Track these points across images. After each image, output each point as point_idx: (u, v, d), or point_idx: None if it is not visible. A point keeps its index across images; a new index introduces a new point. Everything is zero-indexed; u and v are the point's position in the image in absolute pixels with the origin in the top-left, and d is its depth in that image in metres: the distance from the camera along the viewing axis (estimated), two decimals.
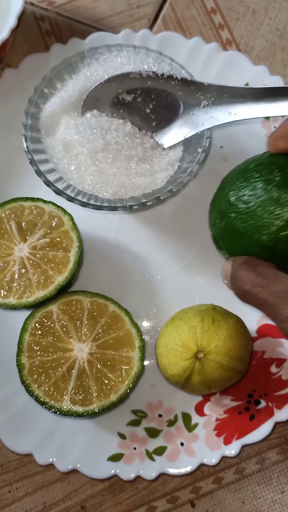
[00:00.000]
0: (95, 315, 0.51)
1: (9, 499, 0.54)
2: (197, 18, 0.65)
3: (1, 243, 0.53)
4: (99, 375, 0.50)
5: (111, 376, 0.50)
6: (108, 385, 0.50)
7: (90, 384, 0.50)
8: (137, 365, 0.50)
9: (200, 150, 0.52)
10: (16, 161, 0.59)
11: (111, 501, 0.53)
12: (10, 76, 0.60)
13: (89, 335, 0.51)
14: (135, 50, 0.55)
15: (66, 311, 0.51)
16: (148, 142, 0.54)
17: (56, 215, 0.53)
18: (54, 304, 0.51)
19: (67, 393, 0.49)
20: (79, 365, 0.50)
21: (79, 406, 0.49)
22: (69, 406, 0.49)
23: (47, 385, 0.49)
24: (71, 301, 0.52)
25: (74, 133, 0.52)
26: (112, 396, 0.49)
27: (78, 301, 0.52)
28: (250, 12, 0.65)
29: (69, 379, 0.50)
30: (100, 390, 0.50)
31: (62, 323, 0.51)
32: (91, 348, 0.51)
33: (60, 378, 0.50)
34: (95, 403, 0.49)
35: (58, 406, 0.49)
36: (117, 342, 0.51)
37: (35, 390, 0.49)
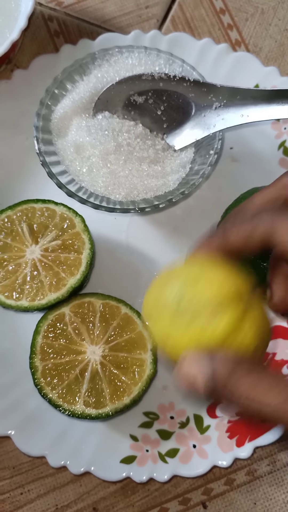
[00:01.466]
0: (107, 317, 0.51)
1: (21, 501, 0.54)
2: (205, 18, 0.65)
3: (13, 245, 0.53)
4: (112, 378, 0.50)
5: (124, 378, 0.50)
6: (121, 388, 0.50)
7: (103, 387, 0.50)
8: (150, 368, 0.50)
9: (212, 152, 0.52)
10: (26, 162, 0.58)
11: (123, 502, 0.53)
12: (20, 77, 0.59)
13: (102, 337, 0.51)
14: (146, 51, 0.55)
15: (79, 313, 0.51)
16: (159, 144, 0.54)
17: (67, 217, 0.53)
18: (67, 307, 0.51)
19: (80, 395, 0.49)
20: (92, 367, 0.50)
21: (93, 408, 0.49)
22: (83, 408, 0.49)
23: (60, 388, 0.49)
24: (83, 303, 0.52)
25: (86, 134, 0.52)
26: (125, 398, 0.49)
27: (90, 303, 0.52)
28: (259, 13, 0.65)
29: (82, 382, 0.50)
30: (113, 393, 0.50)
31: (75, 326, 0.51)
32: (103, 350, 0.51)
33: (73, 380, 0.50)
34: (108, 406, 0.49)
35: (71, 409, 0.49)
36: (129, 344, 0.51)
37: (48, 393, 0.49)
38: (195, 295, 0.35)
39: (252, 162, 0.59)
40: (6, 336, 0.55)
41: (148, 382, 0.50)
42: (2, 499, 0.54)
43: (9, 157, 0.59)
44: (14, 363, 0.54)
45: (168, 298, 0.36)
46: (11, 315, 0.55)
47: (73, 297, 0.52)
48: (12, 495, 0.54)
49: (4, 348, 0.55)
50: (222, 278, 0.36)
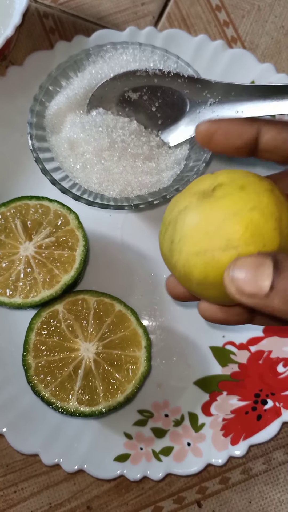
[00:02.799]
0: (101, 315, 0.51)
1: (15, 499, 0.53)
2: (201, 15, 0.65)
3: (6, 242, 0.52)
4: (105, 375, 0.50)
5: (118, 376, 0.50)
6: (115, 385, 0.49)
7: (96, 384, 0.49)
8: (144, 365, 0.50)
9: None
10: (20, 159, 0.58)
11: (117, 501, 0.53)
12: (14, 74, 0.59)
13: (95, 334, 0.51)
14: (140, 47, 0.55)
15: (72, 310, 0.51)
16: (154, 141, 0.53)
17: (61, 214, 0.53)
18: (60, 304, 0.51)
19: (73, 393, 0.49)
20: (85, 365, 0.50)
21: (86, 406, 0.49)
22: (76, 406, 0.49)
23: (54, 385, 0.49)
24: (77, 300, 0.51)
25: (80, 131, 0.52)
26: (118, 396, 0.49)
27: (84, 301, 0.51)
28: (255, 10, 0.65)
29: (76, 379, 0.49)
30: (106, 390, 0.49)
31: (68, 323, 0.51)
32: (97, 348, 0.50)
33: (66, 378, 0.49)
34: (101, 404, 0.49)
35: (64, 407, 0.49)
36: (123, 341, 0.51)
37: (41, 390, 0.49)
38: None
39: (247, 159, 0.58)
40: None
41: (142, 379, 0.50)
42: None
43: (4, 154, 0.58)
44: (7, 361, 0.54)
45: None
46: (4, 313, 0.55)
47: (67, 294, 0.51)
48: (6, 493, 0.53)
49: None
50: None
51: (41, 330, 0.51)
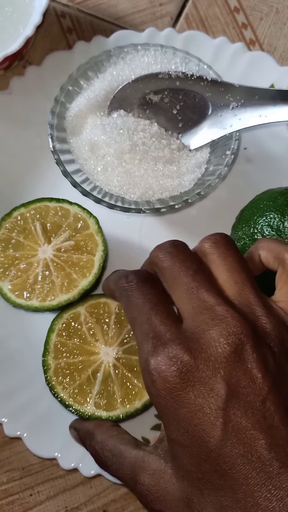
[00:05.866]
0: (122, 320, 0.51)
1: (31, 502, 0.53)
2: (220, 17, 0.64)
3: (25, 244, 0.52)
4: (124, 381, 0.49)
5: (137, 382, 0.49)
6: (133, 391, 0.49)
7: (115, 389, 0.49)
8: None
9: (229, 152, 0.52)
10: (39, 160, 0.58)
11: (134, 505, 0.53)
12: (33, 74, 0.59)
13: (116, 339, 0.50)
14: (162, 49, 0.55)
15: (94, 313, 0.51)
16: (174, 144, 0.53)
17: (81, 218, 0.52)
18: (82, 306, 0.51)
19: (91, 397, 0.49)
20: (104, 369, 0.50)
21: (103, 411, 0.49)
22: (93, 410, 0.49)
23: (72, 388, 0.49)
24: (99, 303, 0.51)
25: (101, 133, 0.51)
26: (136, 403, 0.49)
27: (106, 304, 0.51)
28: (274, 12, 0.65)
29: (94, 383, 0.49)
30: (125, 396, 0.49)
31: (89, 326, 0.50)
32: (117, 352, 0.50)
33: (85, 381, 0.49)
34: (119, 409, 0.49)
35: (81, 410, 0.49)
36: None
37: (59, 392, 0.49)
38: None
39: (266, 163, 0.58)
40: (16, 336, 0.54)
41: None
42: (11, 500, 0.53)
43: (21, 154, 0.58)
44: (24, 364, 0.54)
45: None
46: (20, 316, 0.55)
47: (89, 296, 0.51)
48: (22, 496, 0.53)
49: (14, 348, 0.54)
50: None
51: (62, 332, 0.50)
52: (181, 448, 0.35)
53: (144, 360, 0.36)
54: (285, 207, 0.48)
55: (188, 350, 0.34)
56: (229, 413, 0.33)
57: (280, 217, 0.47)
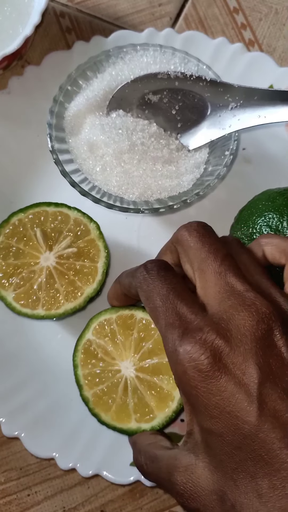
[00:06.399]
0: (127, 328, 0.50)
1: (28, 502, 0.53)
2: (219, 17, 0.64)
3: (26, 252, 0.51)
4: (151, 387, 0.49)
5: (163, 385, 0.49)
6: (163, 395, 0.48)
7: (147, 400, 0.49)
8: None
9: (228, 152, 0.52)
10: (37, 160, 0.58)
11: (131, 506, 0.53)
12: (31, 73, 0.59)
13: (129, 350, 0.50)
14: (161, 49, 0.55)
15: (102, 334, 0.50)
16: (173, 144, 0.53)
17: (81, 223, 0.52)
18: (89, 332, 0.50)
19: (131, 414, 0.49)
20: (131, 383, 0.49)
21: (144, 423, 0.48)
22: (136, 425, 0.48)
23: (112, 411, 0.49)
24: (101, 323, 0.50)
25: (100, 133, 0.51)
26: (170, 405, 0.48)
27: (106, 321, 0.51)
28: (273, 13, 0.65)
29: (126, 400, 0.49)
30: (158, 403, 0.48)
31: (103, 348, 0.50)
32: (134, 363, 0.49)
33: (119, 401, 0.49)
34: (158, 417, 0.48)
35: (126, 428, 0.49)
36: (156, 348, 0.49)
37: (104, 418, 0.49)
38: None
39: (265, 164, 0.58)
40: (14, 336, 0.54)
41: None
42: (9, 500, 0.53)
43: (20, 153, 0.58)
44: (23, 364, 0.53)
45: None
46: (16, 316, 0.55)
47: (89, 321, 0.51)
48: (19, 496, 0.53)
49: (12, 348, 0.54)
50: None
51: (84, 363, 0.50)
52: (214, 438, 0.34)
53: (172, 351, 0.35)
54: (283, 207, 0.48)
55: (219, 335, 0.34)
56: (263, 398, 0.32)
57: (279, 217, 0.47)
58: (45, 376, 0.53)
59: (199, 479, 0.35)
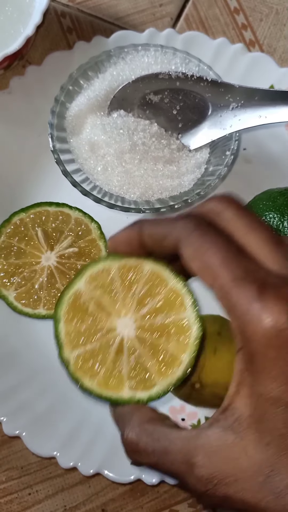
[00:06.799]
0: (131, 280, 0.44)
1: (29, 501, 0.53)
2: (220, 18, 0.64)
3: (27, 251, 0.51)
4: (153, 351, 0.43)
5: (168, 348, 0.42)
6: (168, 360, 0.42)
7: (146, 364, 0.42)
8: (195, 327, 0.42)
9: (229, 153, 0.52)
10: (39, 160, 0.58)
11: (132, 504, 0.53)
12: (33, 73, 0.59)
13: (129, 306, 0.44)
14: (162, 50, 0.55)
15: (97, 286, 0.44)
16: (174, 144, 0.53)
17: (82, 223, 0.52)
18: (80, 281, 0.44)
19: (123, 379, 0.42)
20: (128, 344, 0.43)
21: (141, 391, 0.41)
22: (131, 394, 0.42)
23: (99, 375, 0.43)
24: (98, 271, 0.44)
25: (101, 133, 0.52)
26: (176, 371, 0.41)
27: (106, 270, 0.44)
28: (274, 13, 0.65)
29: (121, 363, 0.43)
30: (160, 368, 0.42)
31: (96, 301, 0.44)
32: (135, 320, 0.43)
33: (111, 364, 0.43)
34: (159, 384, 0.42)
35: (118, 396, 0.42)
36: (164, 306, 0.43)
37: (88, 384, 0.42)
38: None
39: (266, 164, 0.58)
40: (14, 335, 0.55)
41: (198, 344, 0.42)
42: (10, 499, 0.53)
43: (21, 153, 0.58)
44: (24, 363, 0.54)
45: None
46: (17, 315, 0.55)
47: (83, 268, 0.44)
48: (20, 495, 0.53)
49: (13, 347, 0.54)
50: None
51: (69, 318, 0.44)
52: (280, 408, 0.31)
53: (246, 308, 0.32)
54: (284, 207, 0.48)
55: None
56: None
57: (280, 217, 0.47)
58: (46, 375, 0.53)
59: (236, 461, 0.31)
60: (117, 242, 0.41)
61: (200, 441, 0.32)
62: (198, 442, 0.32)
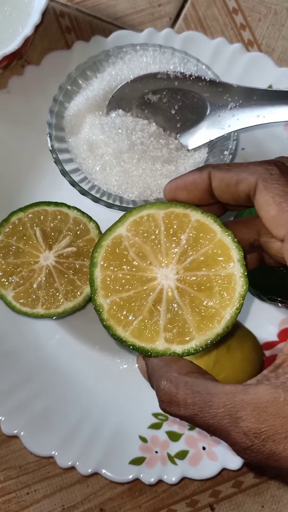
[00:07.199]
0: (175, 230, 0.41)
1: (28, 501, 0.53)
2: (218, 18, 0.64)
3: (26, 251, 0.51)
4: (194, 304, 0.40)
5: (210, 302, 0.40)
6: (209, 314, 0.40)
7: (185, 317, 0.40)
8: (241, 283, 0.39)
9: (227, 152, 0.52)
10: (37, 159, 0.58)
11: (130, 504, 0.53)
12: (31, 73, 0.59)
13: (172, 256, 0.41)
14: (160, 49, 0.55)
15: (138, 232, 0.41)
16: (172, 143, 0.53)
17: (81, 222, 0.52)
18: (122, 227, 0.42)
19: (159, 331, 0.40)
20: (167, 296, 0.41)
21: (177, 344, 0.39)
22: (166, 346, 0.40)
23: (134, 325, 0.40)
24: (142, 218, 0.41)
25: (100, 132, 0.52)
26: (215, 327, 0.39)
27: (150, 217, 0.41)
28: (272, 13, 0.65)
29: (159, 315, 0.40)
30: (199, 322, 0.40)
31: (137, 248, 0.41)
32: (177, 272, 0.40)
33: (147, 315, 0.40)
34: (196, 339, 0.39)
35: (151, 348, 0.40)
36: (209, 258, 0.40)
37: (120, 333, 0.40)
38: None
39: None
40: (14, 335, 0.55)
41: (241, 302, 0.39)
42: (8, 498, 0.53)
43: (20, 153, 0.58)
44: (23, 363, 0.54)
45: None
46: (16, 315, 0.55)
47: (127, 212, 0.42)
48: (18, 495, 0.53)
49: (11, 347, 0.54)
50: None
51: (106, 263, 0.42)
52: None
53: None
54: None
55: None
56: None
57: None
58: (45, 375, 0.53)
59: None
60: (180, 185, 0.39)
61: (248, 396, 0.31)
62: (245, 397, 0.31)
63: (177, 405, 0.34)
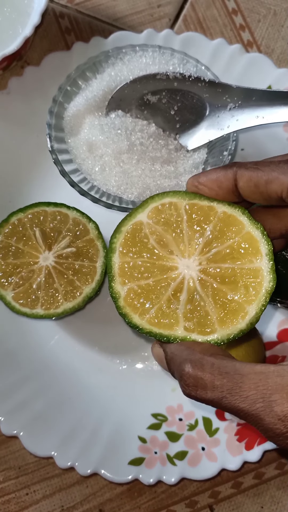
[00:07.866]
0: (200, 220, 0.40)
1: (27, 501, 0.53)
2: (218, 18, 0.64)
3: (25, 251, 0.51)
4: (217, 297, 0.39)
5: (234, 296, 0.39)
6: (232, 308, 0.38)
7: (207, 309, 0.39)
8: (268, 279, 0.38)
9: (226, 153, 0.52)
10: (37, 160, 0.58)
11: (130, 504, 0.53)
12: (31, 74, 0.59)
13: (195, 246, 0.40)
14: (160, 50, 0.55)
15: (160, 219, 0.40)
16: (172, 144, 0.53)
17: (80, 222, 0.52)
18: (143, 213, 0.40)
19: (179, 319, 0.39)
20: (188, 286, 0.39)
21: (198, 334, 0.38)
22: (185, 334, 0.38)
23: (151, 314, 0.39)
24: (164, 205, 0.40)
25: (99, 133, 0.52)
26: (239, 322, 0.38)
27: (173, 205, 0.40)
28: (271, 14, 0.65)
29: (177, 305, 0.39)
30: (222, 316, 0.38)
31: (158, 236, 0.40)
32: (200, 263, 0.39)
33: (166, 303, 0.39)
34: (218, 332, 0.38)
35: (170, 334, 0.39)
36: (235, 251, 0.39)
37: (136, 321, 0.39)
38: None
39: None
40: (14, 335, 0.55)
41: (267, 298, 0.38)
42: (7, 499, 0.53)
43: (19, 153, 0.58)
44: (22, 363, 0.54)
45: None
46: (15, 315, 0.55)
47: (149, 198, 0.41)
48: (18, 495, 0.53)
49: (11, 348, 0.54)
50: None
51: (125, 249, 0.40)
52: None
53: None
54: None
55: None
56: None
57: None
58: (44, 375, 0.53)
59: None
60: (203, 182, 0.38)
61: (284, 379, 0.30)
62: (279, 380, 0.30)
63: (204, 388, 0.32)
